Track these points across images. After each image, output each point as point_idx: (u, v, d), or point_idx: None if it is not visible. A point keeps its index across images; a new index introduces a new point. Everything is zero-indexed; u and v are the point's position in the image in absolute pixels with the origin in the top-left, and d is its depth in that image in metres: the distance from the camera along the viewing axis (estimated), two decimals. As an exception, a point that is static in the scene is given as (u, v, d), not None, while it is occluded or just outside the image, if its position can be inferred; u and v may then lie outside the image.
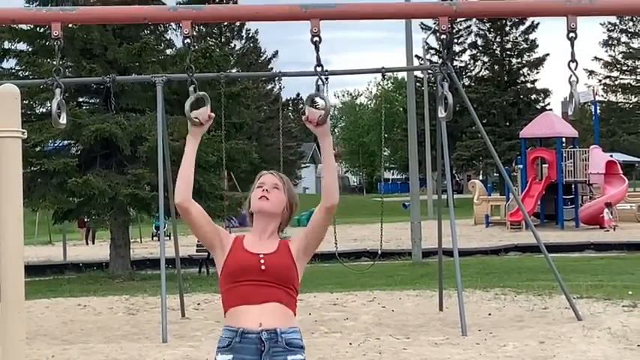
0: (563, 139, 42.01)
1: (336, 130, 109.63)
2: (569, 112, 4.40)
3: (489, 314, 14.95)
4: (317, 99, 4.54)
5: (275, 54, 79.77)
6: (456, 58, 72.89)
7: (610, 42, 74.70)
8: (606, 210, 38.43)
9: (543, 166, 40.97)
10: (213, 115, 4.65)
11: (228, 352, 4.50)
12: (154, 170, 16.08)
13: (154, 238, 40.94)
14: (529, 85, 72.81)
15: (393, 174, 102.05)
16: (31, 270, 24.97)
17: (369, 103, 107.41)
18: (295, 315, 4.63)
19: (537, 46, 72.36)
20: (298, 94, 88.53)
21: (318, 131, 4.58)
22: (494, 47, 72.98)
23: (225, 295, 4.61)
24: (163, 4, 24.12)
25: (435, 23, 14.62)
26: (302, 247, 4.71)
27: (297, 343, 4.58)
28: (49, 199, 23.66)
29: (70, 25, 18.80)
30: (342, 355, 11.67)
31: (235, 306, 4.53)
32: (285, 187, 4.77)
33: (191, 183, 4.68)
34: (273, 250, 4.64)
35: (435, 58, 67.55)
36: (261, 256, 4.59)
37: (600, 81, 73.65)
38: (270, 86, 77.80)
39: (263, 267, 4.54)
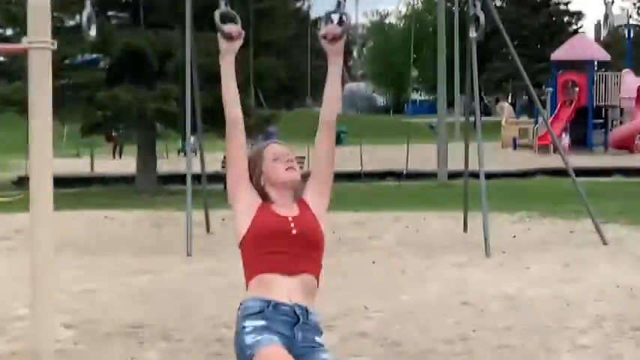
0: (595, 63, 41.53)
1: (364, 50, 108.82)
2: (603, 32, 4.28)
3: (514, 236, 14.97)
4: (336, 15, 4.45)
5: (305, -29, 78.94)
6: (489, -21, 71.95)
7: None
8: (564, 135, 38.45)
9: (574, 89, 40.60)
10: (243, 32, 4.56)
11: (260, 318, 4.19)
12: (182, 86, 16.12)
13: (181, 153, 41.09)
14: (562, 7, 71.86)
15: (420, 95, 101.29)
16: (59, 182, 25.00)
17: (398, 23, 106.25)
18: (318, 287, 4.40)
19: (571, -34, 71.46)
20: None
21: (331, 49, 4.51)
22: (528, -33, 71.90)
23: (253, 261, 4.34)
24: None
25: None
26: (316, 186, 4.58)
27: (320, 327, 4.35)
28: (77, 112, 23.75)
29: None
30: (365, 273, 11.74)
31: (265, 273, 4.26)
32: (293, 154, 4.59)
33: (238, 101, 4.58)
34: (298, 213, 4.43)
35: (468, -22, 66.66)
36: (290, 219, 4.37)
37: (635, 4, 72.49)
38: (298, 4, 77.25)
39: (294, 231, 4.33)
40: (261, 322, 4.16)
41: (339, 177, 25.64)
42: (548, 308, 9.38)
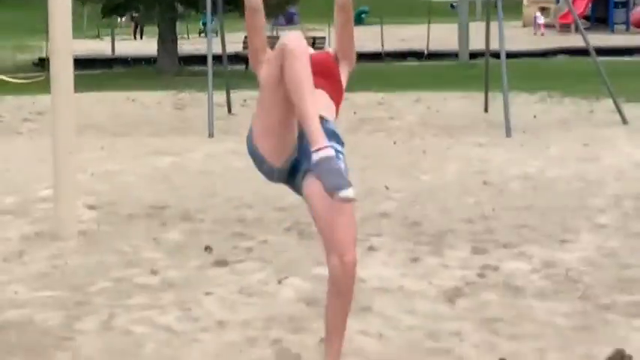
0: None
1: None
2: None
3: (534, 116, 14.88)
4: None
5: None
6: None
7: None
8: (538, 14, 37.95)
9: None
10: None
11: None
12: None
13: (201, 34, 40.80)
14: None
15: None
16: (80, 63, 25.06)
17: None
18: (337, 116, 4.54)
19: None
20: None
21: None
22: None
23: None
24: None
25: None
26: (340, 53, 4.68)
27: (339, 136, 4.43)
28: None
29: None
30: (386, 154, 11.71)
31: None
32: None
33: None
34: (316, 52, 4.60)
35: None
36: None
37: None
38: None
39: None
40: None
41: (360, 57, 25.62)
42: (567, 188, 9.34)
